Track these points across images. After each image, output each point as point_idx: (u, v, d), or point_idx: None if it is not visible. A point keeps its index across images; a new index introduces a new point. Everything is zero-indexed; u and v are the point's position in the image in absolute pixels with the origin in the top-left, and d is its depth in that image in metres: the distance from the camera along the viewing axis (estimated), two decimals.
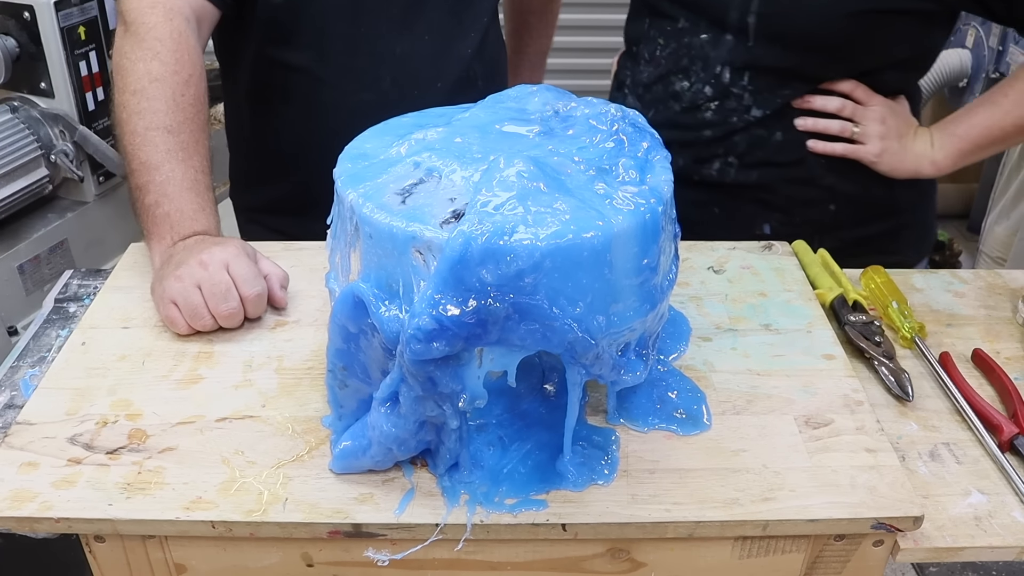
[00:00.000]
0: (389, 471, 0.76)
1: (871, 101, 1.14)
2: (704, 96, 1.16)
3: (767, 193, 1.19)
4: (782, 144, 1.16)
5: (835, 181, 1.18)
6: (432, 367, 0.66)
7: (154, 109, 0.97)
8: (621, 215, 0.67)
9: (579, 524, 0.72)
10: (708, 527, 0.72)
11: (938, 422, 0.88)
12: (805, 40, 1.09)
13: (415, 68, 1.20)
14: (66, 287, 1.04)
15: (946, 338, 0.99)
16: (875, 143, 1.14)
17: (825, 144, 1.15)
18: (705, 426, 0.81)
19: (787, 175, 1.18)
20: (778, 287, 1.01)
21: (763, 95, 1.14)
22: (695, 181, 1.21)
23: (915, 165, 1.15)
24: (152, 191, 0.96)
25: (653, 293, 0.71)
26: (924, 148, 1.15)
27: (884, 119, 1.14)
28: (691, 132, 1.17)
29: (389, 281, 0.69)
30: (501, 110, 0.82)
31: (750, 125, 1.16)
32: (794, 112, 1.15)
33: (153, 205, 0.96)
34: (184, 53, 1.01)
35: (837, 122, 1.14)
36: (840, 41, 1.09)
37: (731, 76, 1.14)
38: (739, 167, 1.18)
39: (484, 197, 0.67)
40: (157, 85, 0.98)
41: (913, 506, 0.73)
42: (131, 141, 0.97)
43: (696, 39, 1.15)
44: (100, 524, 0.72)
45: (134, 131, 0.97)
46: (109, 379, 0.86)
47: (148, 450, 0.77)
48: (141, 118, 0.97)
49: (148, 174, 0.96)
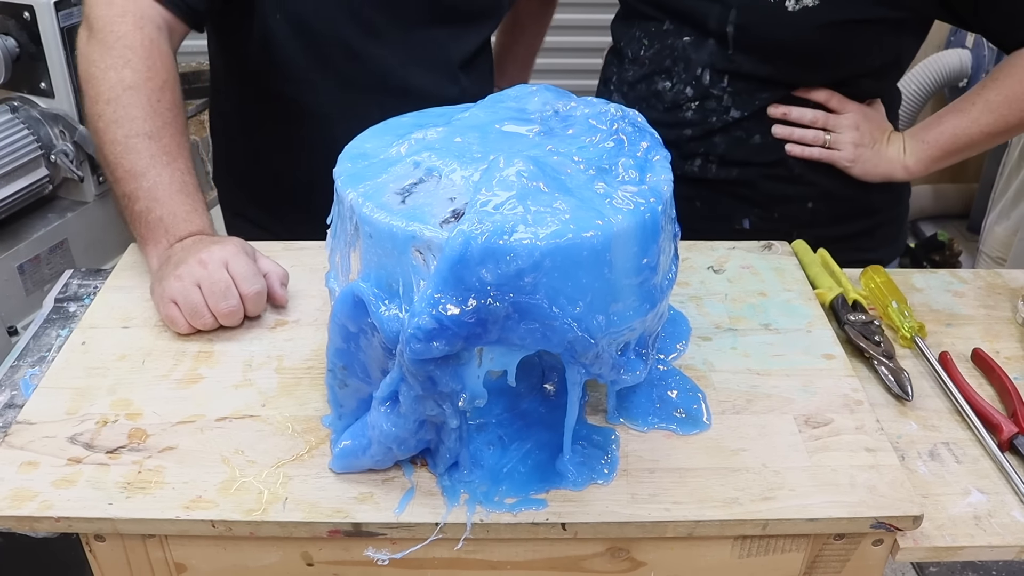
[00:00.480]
0: (389, 470, 0.76)
1: (845, 108, 1.18)
2: (685, 96, 1.19)
3: (747, 189, 1.22)
4: (761, 146, 1.20)
5: (813, 179, 1.21)
6: (432, 366, 0.66)
7: (132, 116, 0.96)
8: (621, 215, 0.67)
9: (579, 523, 0.72)
10: (708, 526, 0.72)
11: (938, 422, 0.88)
12: (781, 51, 1.13)
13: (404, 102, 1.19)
14: (66, 287, 1.04)
15: (946, 338, 0.99)
16: (848, 150, 1.18)
17: (802, 148, 1.19)
18: (705, 425, 0.81)
19: (766, 173, 1.21)
20: (778, 287, 1.01)
21: (741, 97, 1.17)
22: (677, 176, 1.21)
23: (888, 170, 1.19)
24: (141, 197, 0.95)
25: (653, 293, 0.71)
26: (896, 154, 1.19)
27: (858, 126, 1.18)
28: (673, 131, 1.20)
29: (389, 280, 0.69)
30: (501, 110, 0.82)
31: (728, 126, 1.19)
32: (772, 120, 1.18)
33: (144, 211, 0.95)
34: (157, 60, 0.99)
35: (811, 132, 1.18)
36: (815, 52, 1.12)
37: (711, 78, 1.17)
38: (719, 164, 1.22)
39: (484, 196, 0.67)
40: (132, 92, 0.97)
41: (913, 505, 0.73)
42: (112, 150, 0.96)
43: (679, 41, 1.18)
44: (100, 523, 0.72)
45: (114, 140, 0.96)
46: (109, 379, 0.86)
47: (148, 449, 0.77)
48: (120, 126, 0.96)
49: (135, 181, 0.95)
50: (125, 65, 0.98)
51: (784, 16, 1.09)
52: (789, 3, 1.08)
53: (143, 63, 0.98)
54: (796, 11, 1.08)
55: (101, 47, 0.99)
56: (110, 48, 0.98)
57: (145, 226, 0.96)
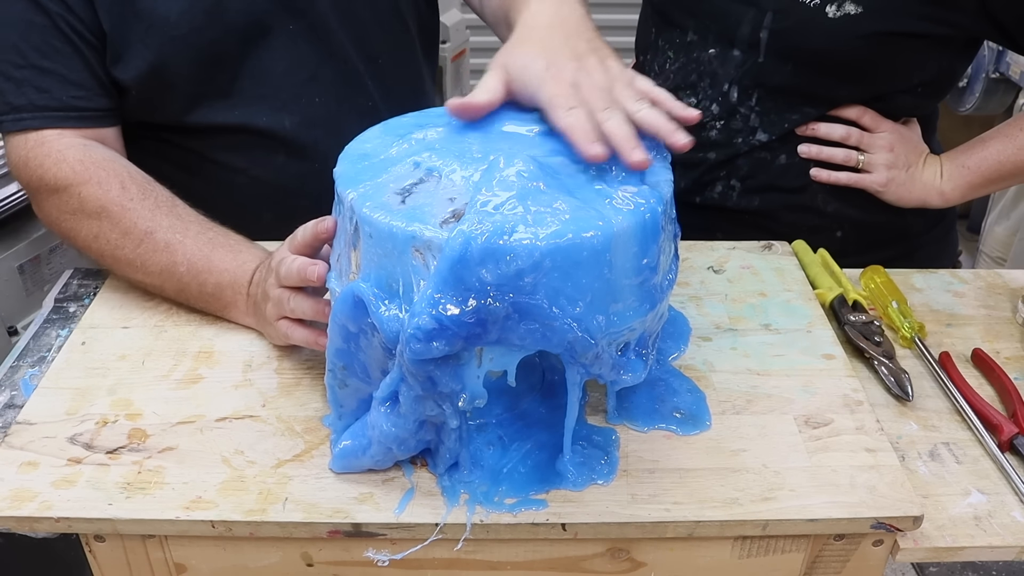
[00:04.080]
0: (389, 471, 0.76)
1: (880, 127, 1.12)
2: (711, 114, 1.14)
3: (770, 220, 1.17)
4: (786, 168, 1.14)
5: (840, 207, 1.16)
6: (432, 367, 0.66)
7: (123, 231, 0.92)
8: (621, 215, 0.67)
9: (579, 524, 0.72)
10: (708, 527, 0.72)
11: (938, 422, 0.88)
12: (817, 59, 1.07)
13: (312, 138, 1.10)
14: (66, 287, 1.04)
15: (946, 338, 0.99)
16: (881, 172, 1.12)
17: (829, 173, 1.13)
18: (705, 426, 0.81)
19: (790, 201, 1.16)
20: (778, 287, 1.01)
21: (770, 117, 1.12)
22: (697, 204, 1.19)
23: (922, 195, 1.13)
24: (189, 282, 0.91)
25: (653, 293, 0.71)
26: (932, 178, 1.13)
27: (892, 147, 1.12)
28: (696, 152, 1.14)
29: (389, 281, 0.69)
30: (501, 110, 0.82)
31: (754, 149, 1.14)
32: (799, 138, 1.13)
33: (201, 288, 0.92)
34: (99, 172, 0.93)
35: (842, 150, 1.12)
36: (854, 62, 1.06)
37: (739, 95, 1.12)
38: (741, 191, 1.17)
39: (484, 197, 0.67)
40: (105, 216, 0.92)
41: (913, 506, 0.73)
42: (135, 268, 0.93)
43: (704, 54, 1.12)
44: (100, 524, 0.72)
45: (128, 261, 0.93)
46: (109, 379, 0.85)
47: (148, 450, 0.77)
48: (122, 248, 0.92)
49: (173, 275, 0.91)
50: (80, 203, 0.93)
51: (824, 23, 1.03)
52: (830, 9, 1.03)
53: (90, 186, 0.92)
54: (837, 18, 1.03)
55: (54, 198, 0.94)
56: (61, 193, 0.93)
57: (213, 299, 0.92)
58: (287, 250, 0.83)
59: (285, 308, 0.84)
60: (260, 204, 1.11)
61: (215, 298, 0.92)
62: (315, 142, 1.10)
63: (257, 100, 1.07)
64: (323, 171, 0.83)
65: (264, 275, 0.88)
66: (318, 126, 1.10)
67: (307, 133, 1.09)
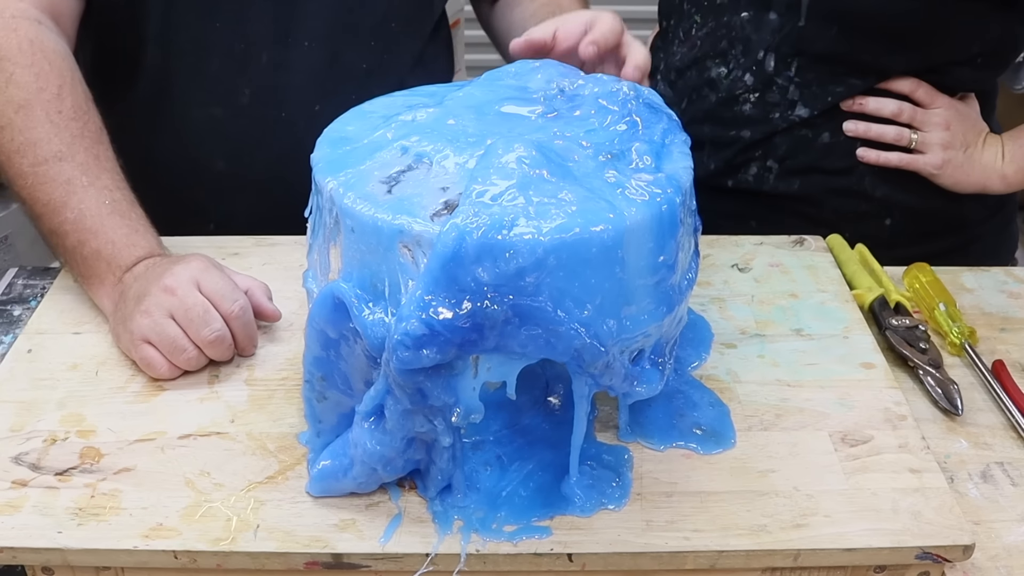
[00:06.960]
0: (373, 494, 0.76)
1: (935, 103, 1.11)
2: (744, 85, 1.14)
3: (811, 206, 1.17)
4: (829, 147, 1.14)
5: (889, 192, 1.16)
6: (422, 377, 0.66)
7: (33, 140, 0.92)
8: (634, 207, 0.67)
9: (587, 554, 0.72)
10: (732, 557, 0.72)
11: (991, 439, 0.88)
12: (867, 21, 1.06)
13: (284, 83, 1.13)
14: (10, 287, 1.04)
15: (1000, 344, 0.99)
16: (936, 153, 1.12)
17: (878, 153, 1.13)
18: (729, 444, 0.81)
19: (834, 184, 1.16)
20: (811, 287, 1.02)
21: (811, 89, 1.12)
22: (728, 188, 1.19)
23: (982, 179, 1.13)
24: (69, 232, 0.91)
25: (670, 294, 0.71)
26: (993, 160, 1.13)
27: (949, 125, 1.11)
28: (727, 130, 1.15)
29: (373, 280, 0.69)
30: (500, 88, 0.82)
31: (793, 126, 1.14)
32: (844, 114, 1.13)
33: (77, 245, 0.91)
34: (44, 63, 0.94)
35: (893, 128, 1.12)
36: (906, 26, 1.06)
37: (776, 64, 1.11)
38: (779, 173, 1.16)
39: (480, 186, 0.67)
40: (24, 112, 0.92)
41: (963, 533, 0.73)
42: (23, 184, 0.93)
43: (736, 17, 1.12)
44: (48, 554, 0.72)
45: (21, 172, 0.92)
46: (59, 391, 0.86)
47: (102, 471, 0.77)
48: (23, 156, 0.92)
49: (57, 215, 0.91)
50: (7, 82, 0.93)
51: None
52: None
53: (28, 71, 0.94)
54: None
55: None
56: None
57: (83, 263, 0.92)
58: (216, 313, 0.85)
59: (173, 347, 0.85)
60: (214, 148, 1.11)
61: (86, 264, 0.92)
62: (287, 85, 1.12)
63: (242, 22, 1.09)
64: (292, 121, 0.84)
65: (152, 278, 0.87)
66: (300, 72, 1.12)
67: (283, 77, 1.11)
